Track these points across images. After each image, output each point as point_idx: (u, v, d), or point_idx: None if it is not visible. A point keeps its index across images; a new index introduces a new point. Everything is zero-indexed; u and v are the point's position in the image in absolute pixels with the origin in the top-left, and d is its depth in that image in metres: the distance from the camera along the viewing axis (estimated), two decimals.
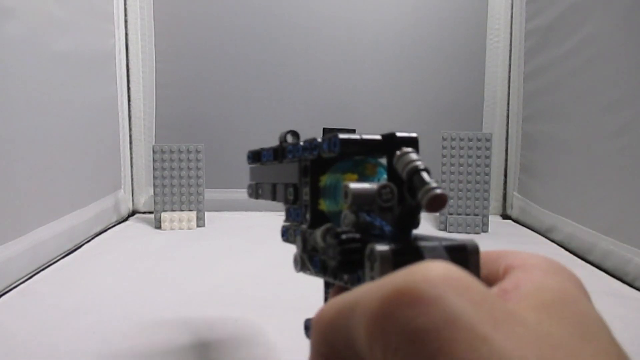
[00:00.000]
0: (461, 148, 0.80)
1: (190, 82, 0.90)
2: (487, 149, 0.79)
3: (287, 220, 0.30)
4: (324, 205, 0.26)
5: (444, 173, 0.80)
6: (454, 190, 0.80)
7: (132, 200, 0.90)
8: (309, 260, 0.26)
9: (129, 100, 0.88)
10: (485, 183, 0.79)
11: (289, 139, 0.30)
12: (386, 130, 0.24)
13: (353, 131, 0.31)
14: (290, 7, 0.90)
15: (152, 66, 0.89)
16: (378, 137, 0.23)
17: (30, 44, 0.57)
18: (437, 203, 0.19)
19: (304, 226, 0.28)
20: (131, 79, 0.88)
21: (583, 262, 0.64)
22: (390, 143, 0.23)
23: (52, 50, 0.62)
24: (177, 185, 0.78)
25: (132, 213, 0.90)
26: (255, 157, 0.34)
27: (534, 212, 0.83)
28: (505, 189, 0.95)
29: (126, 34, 0.87)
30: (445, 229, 0.80)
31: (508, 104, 0.94)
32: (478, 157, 0.80)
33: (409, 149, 0.21)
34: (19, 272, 0.54)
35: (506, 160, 0.95)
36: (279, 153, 0.30)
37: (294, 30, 0.90)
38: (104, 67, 0.79)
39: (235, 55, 0.90)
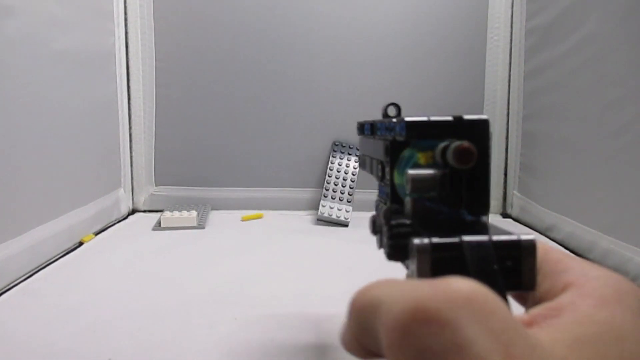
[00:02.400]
0: None
1: (190, 81, 0.90)
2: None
3: (378, 195, 0.30)
4: (396, 177, 0.25)
5: None
6: None
7: (132, 199, 0.90)
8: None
9: (129, 100, 0.88)
10: None
11: (390, 111, 0.30)
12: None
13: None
14: (291, 7, 0.90)
15: (152, 65, 0.89)
16: (448, 118, 0.23)
17: (29, 43, 0.57)
18: (463, 153, 0.19)
19: (385, 206, 0.27)
20: (131, 78, 0.88)
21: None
22: (460, 126, 0.23)
23: (51, 49, 0.62)
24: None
25: (132, 212, 0.90)
26: (360, 128, 0.33)
27: (534, 210, 0.83)
28: (505, 187, 0.95)
29: (126, 33, 0.86)
30: None
31: (508, 103, 0.94)
32: None
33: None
34: (18, 271, 0.54)
35: (506, 159, 0.95)
36: (374, 129, 0.30)
37: (295, 30, 0.90)
38: (104, 66, 0.79)
39: (236, 55, 0.90)
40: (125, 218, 0.86)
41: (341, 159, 0.90)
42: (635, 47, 0.57)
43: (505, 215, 0.94)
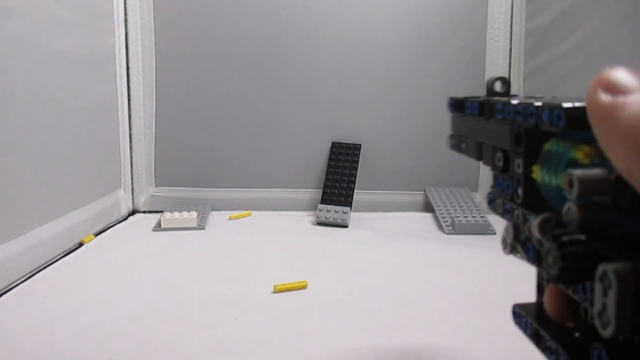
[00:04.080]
0: None
1: (190, 81, 0.90)
2: None
3: (494, 187, 0.25)
4: (538, 173, 0.21)
5: None
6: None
7: (132, 200, 0.90)
8: (521, 245, 0.22)
9: (129, 100, 0.88)
10: None
11: (497, 86, 0.26)
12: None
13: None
14: (291, 8, 0.90)
15: (152, 65, 0.89)
16: None
17: (30, 44, 0.57)
18: None
19: (514, 204, 0.23)
20: (131, 78, 0.88)
21: None
22: None
23: (52, 49, 0.62)
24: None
25: (132, 212, 0.90)
26: (458, 106, 0.29)
27: None
28: None
29: (126, 33, 0.86)
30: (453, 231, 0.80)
31: None
32: None
33: None
34: (19, 272, 0.54)
35: None
36: (487, 109, 0.25)
37: (295, 31, 0.90)
38: (104, 67, 0.79)
39: (236, 55, 0.90)
40: (126, 219, 0.86)
41: (340, 159, 0.90)
42: (635, 47, 0.57)
43: None
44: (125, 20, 0.86)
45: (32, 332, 0.41)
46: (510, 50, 0.93)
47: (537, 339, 0.21)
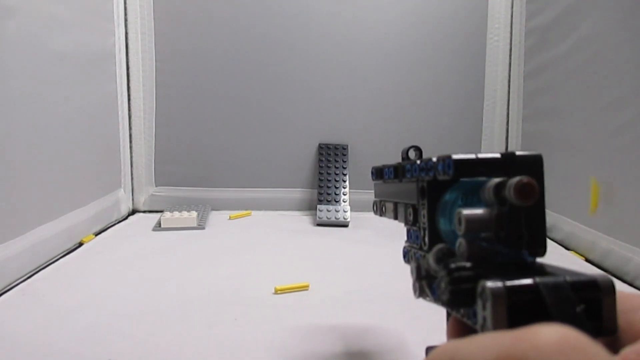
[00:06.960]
0: None
1: (190, 81, 0.90)
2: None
3: (407, 241, 0.29)
4: (440, 223, 0.24)
5: None
6: None
7: (132, 200, 0.90)
8: (428, 286, 0.24)
9: (129, 100, 0.88)
10: None
11: (411, 154, 0.29)
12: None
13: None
14: (291, 8, 0.90)
15: (152, 65, 0.89)
16: (496, 155, 0.22)
17: (30, 43, 0.57)
18: (525, 188, 0.17)
19: (422, 251, 0.26)
20: (131, 78, 0.88)
21: (583, 261, 0.64)
22: (510, 163, 0.21)
23: (52, 49, 0.62)
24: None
25: (132, 212, 0.90)
26: (378, 174, 0.33)
27: None
28: None
29: (126, 33, 0.86)
30: None
31: (508, 103, 0.94)
32: None
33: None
34: (18, 271, 0.54)
35: None
36: (399, 171, 0.29)
37: (294, 31, 0.90)
38: (104, 66, 0.79)
39: (236, 56, 0.90)
40: (126, 218, 0.86)
41: (329, 160, 0.90)
42: (635, 47, 0.57)
43: None
44: (125, 20, 0.86)
45: (32, 332, 0.41)
46: (510, 50, 0.93)
47: None
